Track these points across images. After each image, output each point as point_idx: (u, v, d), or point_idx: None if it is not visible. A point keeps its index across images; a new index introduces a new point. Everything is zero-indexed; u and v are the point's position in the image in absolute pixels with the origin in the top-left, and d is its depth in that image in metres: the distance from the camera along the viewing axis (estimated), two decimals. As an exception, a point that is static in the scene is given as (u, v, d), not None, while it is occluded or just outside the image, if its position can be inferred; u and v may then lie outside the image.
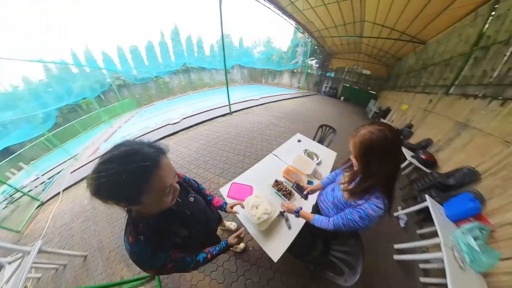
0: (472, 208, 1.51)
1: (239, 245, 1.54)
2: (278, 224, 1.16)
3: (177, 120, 3.94)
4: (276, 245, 1.04)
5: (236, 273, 1.47)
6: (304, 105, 6.96)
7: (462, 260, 1.26)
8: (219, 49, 14.87)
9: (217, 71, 15.88)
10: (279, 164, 1.67)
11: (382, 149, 0.60)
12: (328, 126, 2.41)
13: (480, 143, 1.91)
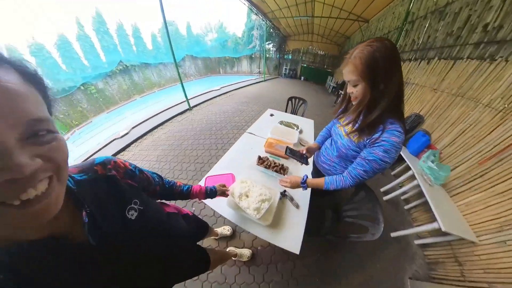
0: (425, 141, 2.02)
1: (245, 253, 1.36)
2: (282, 208, 0.96)
3: (126, 132, 3.23)
4: (291, 233, 0.85)
5: (255, 283, 1.30)
6: (268, 88, 7.19)
7: (429, 180, 1.70)
8: (163, 40, 12.74)
9: (165, 66, 13.53)
10: (257, 141, 1.50)
11: (387, 59, 0.54)
12: (297, 98, 2.52)
13: (418, 94, 2.48)
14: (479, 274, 1.17)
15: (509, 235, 1.12)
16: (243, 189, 0.90)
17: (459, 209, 1.49)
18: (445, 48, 2.10)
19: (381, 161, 0.63)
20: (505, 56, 1.46)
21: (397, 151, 0.61)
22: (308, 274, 1.36)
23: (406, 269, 1.51)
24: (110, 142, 3.09)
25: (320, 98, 6.78)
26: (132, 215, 0.40)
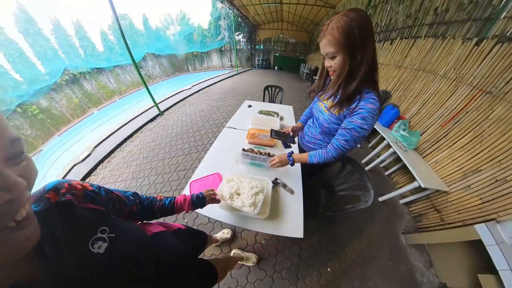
0: (394, 113, 2.30)
1: (251, 257, 1.33)
2: (277, 197, 0.94)
3: (87, 153, 2.74)
4: (291, 220, 0.85)
5: (268, 276, 1.31)
6: (242, 81, 7.15)
7: (403, 146, 1.97)
8: (116, 38, 11.03)
9: (123, 69, 11.61)
10: (239, 134, 1.45)
11: (362, 28, 0.56)
12: (273, 86, 2.55)
13: (384, 73, 2.79)
14: (454, 216, 1.44)
15: (471, 180, 1.39)
16: (232, 188, 0.84)
17: (431, 167, 1.77)
18: (405, 29, 2.39)
19: (360, 128, 0.66)
20: (452, 34, 1.75)
21: (374, 118, 0.64)
22: (315, 252, 1.45)
23: (397, 227, 1.75)
24: (70, 169, 2.52)
25: (295, 85, 7.07)
26: (99, 247, 0.32)
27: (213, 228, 1.58)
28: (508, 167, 1.18)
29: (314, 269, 1.35)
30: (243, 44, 11.95)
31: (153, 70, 13.14)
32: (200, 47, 13.37)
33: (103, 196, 0.41)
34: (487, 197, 1.27)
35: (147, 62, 12.79)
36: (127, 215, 0.48)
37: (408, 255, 1.52)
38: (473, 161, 1.42)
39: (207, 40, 13.50)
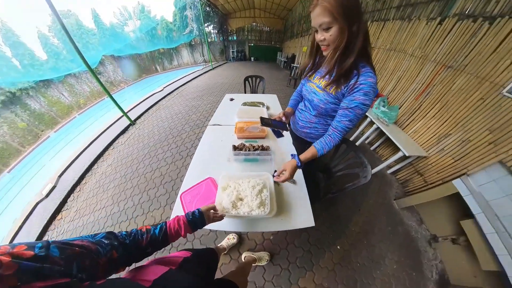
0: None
1: (263, 257, 1.32)
2: (280, 190, 0.90)
3: (51, 185, 2.29)
4: (299, 211, 0.82)
5: (284, 269, 1.33)
6: (218, 76, 6.96)
7: (384, 121, 2.21)
8: (61, 40, 9.40)
9: (78, 79, 9.84)
10: (225, 130, 1.34)
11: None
12: (254, 76, 2.50)
13: None
14: (434, 176, 1.71)
15: (444, 144, 1.65)
16: (231, 195, 0.75)
17: (410, 137, 2.04)
18: (375, 12, 2.56)
19: (363, 105, 0.64)
20: (417, 16, 1.96)
21: (374, 92, 0.63)
22: (322, 235, 1.54)
23: (389, 194, 2.01)
24: (32, 210, 2.06)
25: (274, 74, 7.14)
26: None
27: (217, 237, 1.50)
28: (470, 129, 1.43)
29: (325, 250, 1.45)
30: (214, 36, 11.43)
31: (115, 75, 11.69)
32: (166, 43, 12.02)
33: (56, 257, 0.27)
34: (457, 156, 1.53)
35: (106, 66, 11.31)
36: (107, 268, 0.36)
37: (402, 217, 1.78)
38: (443, 127, 1.67)
39: (174, 34, 12.18)
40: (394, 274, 1.38)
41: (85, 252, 0.32)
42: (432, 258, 1.48)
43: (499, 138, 1.24)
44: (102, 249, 0.36)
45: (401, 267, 1.43)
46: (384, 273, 1.39)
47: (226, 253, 1.39)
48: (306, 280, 1.30)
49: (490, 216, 1.14)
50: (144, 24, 12.35)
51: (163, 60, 13.26)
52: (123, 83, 11.87)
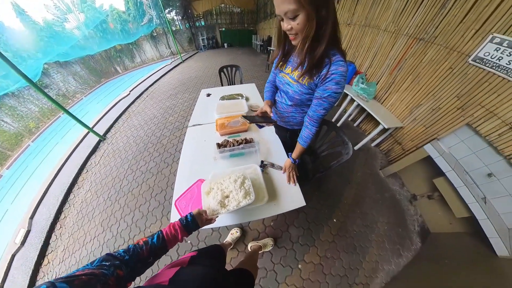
0: (352, 69, 2.58)
1: (268, 243, 1.40)
2: (269, 178, 0.94)
3: (25, 230, 1.94)
4: (290, 194, 0.88)
5: (289, 250, 1.42)
6: (191, 69, 6.38)
7: (364, 98, 2.31)
8: None
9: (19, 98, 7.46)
10: (206, 129, 1.30)
11: None
12: (228, 66, 2.38)
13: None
14: (410, 143, 1.89)
15: (416, 114, 1.80)
16: (216, 196, 0.75)
17: (388, 110, 2.18)
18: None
19: (335, 93, 0.66)
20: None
21: (345, 80, 0.65)
22: (318, 212, 1.65)
23: (375, 165, 2.18)
24: (8, 264, 1.73)
25: (251, 60, 6.83)
26: None
27: (221, 235, 1.53)
28: (440, 97, 1.56)
29: (323, 225, 1.57)
30: (179, 23, 10.20)
31: (67, 85, 8.97)
32: (122, 37, 9.59)
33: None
34: (428, 123, 1.69)
35: (53, 76, 8.73)
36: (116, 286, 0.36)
37: (388, 184, 1.97)
38: (415, 98, 1.81)
39: (130, 26, 9.78)
40: (386, 234, 1.57)
41: (92, 278, 0.31)
42: (414, 214, 1.69)
43: (466, 103, 1.37)
44: (106, 271, 0.36)
45: (391, 226, 1.62)
46: (378, 234, 1.56)
47: (233, 248, 1.43)
48: (310, 255, 1.41)
49: (459, 172, 1.30)
50: (90, 17, 9.31)
51: (122, 59, 10.75)
52: (79, 93, 9.23)
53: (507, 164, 1.15)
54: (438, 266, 1.22)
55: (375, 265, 1.38)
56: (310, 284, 1.29)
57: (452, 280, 1.08)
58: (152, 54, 10.88)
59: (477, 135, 1.31)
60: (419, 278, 1.24)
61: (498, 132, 1.19)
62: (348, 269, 1.35)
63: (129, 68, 10.99)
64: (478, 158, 1.29)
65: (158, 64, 9.11)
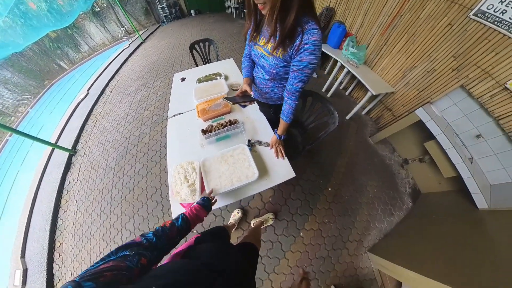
0: (341, 31, 2.31)
1: (268, 217, 1.47)
2: (258, 155, 0.95)
3: (21, 270, 1.75)
4: (279, 167, 0.91)
5: (290, 221, 1.50)
6: (155, 49, 5.30)
7: (354, 63, 2.14)
8: None
9: None
10: (188, 117, 1.22)
11: None
12: (200, 42, 2.04)
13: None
14: (401, 109, 1.88)
15: (409, 77, 1.72)
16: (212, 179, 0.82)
17: (378, 75, 2.07)
18: None
19: (310, 64, 0.63)
20: None
21: (320, 48, 0.62)
22: (313, 183, 1.71)
23: (365, 133, 2.21)
24: None
25: (227, 29, 5.85)
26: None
27: (224, 219, 1.58)
28: (436, 58, 1.46)
29: (319, 195, 1.65)
30: (126, -12, 8.09)
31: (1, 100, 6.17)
32: (54, 21, 6.18)
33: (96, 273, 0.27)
34: (421, 87, 1.63)
35: None
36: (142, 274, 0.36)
37: (377, 150, 2.04)
38: (409, 60, 1.69)
39: (60, 2, 6.15)
40: (376, 196, 1.70)
41: (117, 273, 0.30)
42: (405, 177, 1.82)
43: (462, 63, 1.30)
44: (130, 262, 0.34)
45: (380, 189, 1.74)
46: (368, 197, 1.69)
47: (237, 228, 1.49)
48: (310, 223, 1.53)
49: (449, 135, 1.33)
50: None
51: (64, 50, 7.67)
52: (22, 105, 6.56)
53: (495, 126, 1.18)
54: (427, 220, 1.38)
55: (366, 224, 1.54)
56: (312, 247, 1.44)
57: (438, 231, 1.24)
58: (101, 37, 7.93)
59: (469, 97, 1.29)
60: (409, 232, 1.41)
61: (491, 93, 1.17)
62: (341, 229, 1.51)
63: (77, 61, 8.00)
64: (468, 120, 1.31)
65: (113, 49, 7.17)
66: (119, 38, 7.96)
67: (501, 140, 1.17)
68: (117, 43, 7.83)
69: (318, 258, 1.40)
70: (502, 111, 1.14)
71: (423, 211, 1.50)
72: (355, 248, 1.44)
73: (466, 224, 1.17)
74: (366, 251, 1.41)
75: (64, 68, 7.93)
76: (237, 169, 0.85)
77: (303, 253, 1.41)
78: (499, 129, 1.17)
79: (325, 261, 1.39)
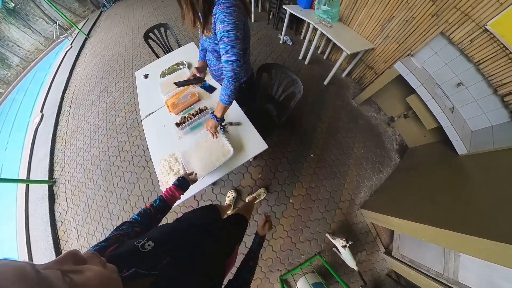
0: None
1: (260, 192, 1.53)
2: (231, 135, 1.03)
3: None
4: (252, 141, 0.98)
5: (280, 191, 1.58)
6: (105, 44, 4.37)
7: (327, 23, 1.92)
8: None
9: None
10: (160, 114, 1.23)
11: None
12: (154, 29, 1.79)
13: None
14: (383, 66, 1.80)
15: (387, 30, 1.59)
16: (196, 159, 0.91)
17: (356, 31, 1.90)
18: None
19: (226, 32, 0.63)
20: None
21: (232, 15, 0.61)
22: (296, 152, 1.75)
23: (347, 96, 2.15)
24: None
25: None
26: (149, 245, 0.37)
27: (220, 202, 1.64)
28: (414, 5, 1.32)
29: (303, 162, 1.71)
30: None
31: None
32: None
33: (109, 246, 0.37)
34: (401, 38, 1.52)
35: None
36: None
37: (361, 112, 2.03)
38: (386, 11, 1.53)
39: None
40: (363, 156, 1.77)
41: (120, 235, 0.44)
42: (392, 135, 1.88)
43: (441, 8, 1.18)
44: (127, 230, 0.47)
45: (368, 149, 1.81)
46: (355, 158, 1.76)
47: (234, 208, 1.53)
48: (297, 189, 1.62)
49: (428, 86, 1.31)
50: None
51: None
52: None
53: (475, 71, 1.16)
54: (412, 172, 1.49)
55: (356, 184, 1.65)
56: (303, 211, 1.54)
57: (421, 179, 1.35)
58: (31, 42, 6.02)
59: (450, 44, 1.22)
60: (396, 185, 1.53)
61: (471, 37, 1.11)
62: (332, 191, 1.61)
63: (12, 80, 6.14)
64: (449, 69, 1.27)
65: (52, 54, 5.65)
66: (55, 38, 6.17)
67: (481, 85, 1.17)
68: (55, 45, 6.15)
69: (313, 220, 1.51)
70: (481, 55, 1.10)
71: (409, 164, 1.60)
72: (348, 206, 1.57)
73: (446, 170, 1.27)
74: (359, 208, 1.54)
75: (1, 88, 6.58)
76: (213, 150, 0.92)
77: (296, 217, 1.52)
78: (479, 74, 1.15)
79: (320, 222, 1.51)
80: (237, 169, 1.68)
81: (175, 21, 3.91)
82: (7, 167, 3.28)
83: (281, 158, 1.72)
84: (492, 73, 1.10)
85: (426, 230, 0.93)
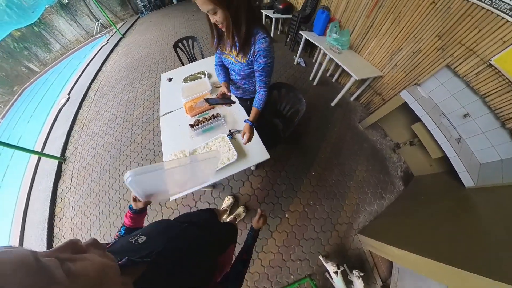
0: (325, 17, 2.22)
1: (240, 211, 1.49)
2: (237, 142, 1.10)
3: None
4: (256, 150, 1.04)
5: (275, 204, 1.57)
6: (137, 45, 4.88)
7: (336, 49, 2.07)
8: None
9: None
10: (178, 114, 1.34)
11: None
12: (184, 39, 1.98)
13: None
14: (390, 93, 1.86)
15: (396, 59, 1.69)
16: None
17: (365, 59, 2.02)
18: None
19: (266, 64, 0.81)
20: None
21: (271, 50, 0.78)
22: (297, 168, 1.75)
23: (353, 119, 2.19)
24: None
25: (210, 20, 5.53)
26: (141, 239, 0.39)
27: (217, 205, 1.63)
28: (421, 38, 1.43)
29: (303, 178, 1.69)
30: (94, -21, 7.24)
31: None
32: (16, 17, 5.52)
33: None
34: (408, 69, 1.60)
35: None
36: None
37: (367, 135, 2.03)
38: (395, 42, 1.65)
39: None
40: (365, 180, 1.72)
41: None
42: (397, 161, 1.84)
43: (446, 43, 1.27)
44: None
45: (370, 173, 1.76)
46: (357, 181, 1.71)
47: (230, 213, 1.51)
48: (294, 205, 1.57)
49: (434, 115, 1.33)
50: None
51: (32, 51, 6.62)
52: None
53: (482, 104, 1.18)
54: (416, 201, 1.41)
55: (356, 207, 1.57)
56: (298, 228, 1.48)
57: (425, 210, 1.26)
58: (74, 33, 6.99)
59: (455, 77, 1.27)
60: (398, 213, 1.44)
61: (476, 71, 1.16)
62: (330, 212, 1.54)
63: (49, 62, 7.06)
64: (456, 100, 1.30)
65: (89, 46, 6.47)
66: (94, 33, 7.06)
67: (488, 118, 1.17)
68: (93, 39, 6.95)
69: (307, 239, 1.44)
70: (487, 88, 1.13)
71: (413, 193, 1.52)
72: (345, 230, 1.47)
73: (451, 202, 1.19)
74: (356, 233, 1.44)
75: (35, 71, 7.08)
76: (220, 153, 0.98)
77: (290, 233, 1.46)
78: (486, 107, 1.17)
79: (315, 243, 1.42)
80: (238, 176, 1.72)
81: (201, 34, 4.35)
82: (25, 138, 3.44)
83: (281, 171, 1.71)
84: (498, 106, 1.11)
85: (428, 264, 0.84)
